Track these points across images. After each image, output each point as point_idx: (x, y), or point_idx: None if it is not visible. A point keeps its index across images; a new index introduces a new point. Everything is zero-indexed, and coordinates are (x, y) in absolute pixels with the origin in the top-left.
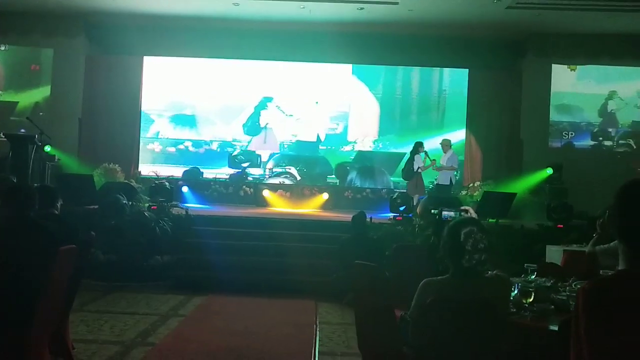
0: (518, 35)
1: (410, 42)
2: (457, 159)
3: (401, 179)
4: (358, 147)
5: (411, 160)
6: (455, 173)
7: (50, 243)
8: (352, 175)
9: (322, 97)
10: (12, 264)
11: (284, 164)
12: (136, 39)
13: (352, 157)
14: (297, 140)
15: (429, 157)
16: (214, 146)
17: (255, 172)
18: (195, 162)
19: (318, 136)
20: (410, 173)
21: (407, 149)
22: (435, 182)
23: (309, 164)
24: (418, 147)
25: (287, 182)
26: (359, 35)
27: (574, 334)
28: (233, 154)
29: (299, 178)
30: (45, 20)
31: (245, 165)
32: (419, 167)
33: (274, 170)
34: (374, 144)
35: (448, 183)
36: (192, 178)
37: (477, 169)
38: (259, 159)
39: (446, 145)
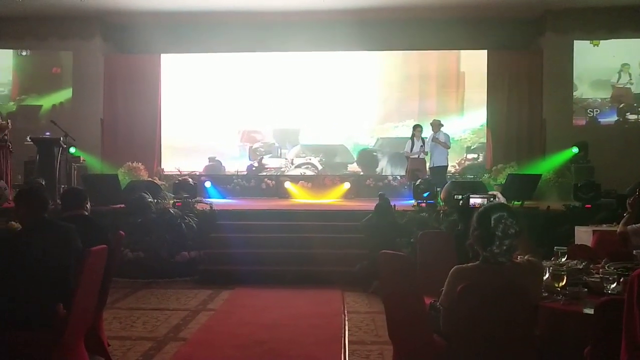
0: (535, 13)
1: (427, 25)
2: (449, 139)
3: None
4: (378, 134)
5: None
6: (481, 157)
7: (70, 241)
8: (383, 163)
9: (340, 85)
10: (48, 264)
11: (304, 155)
12: (153, 37)
13: (373, 145)
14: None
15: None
16: (235, 139)
17: (276, 163)
18: (217, 155)
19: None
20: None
21: (426, 133)
22: (430, 165)
23: (329, 154)
24: (413, 130)
25: (309, 172)
26: (375, 22)
27: (627, 320)
28: (253, 147)
29: (320, 168)
30: (62, 24)
31: (263, 157)
32: (407, 153)
33: (295, 160)
34: (394, 129)
35: (445, 164)
36: (214, 172)
37: (499, 152)
38: (279, 150)
39: (436, 124)
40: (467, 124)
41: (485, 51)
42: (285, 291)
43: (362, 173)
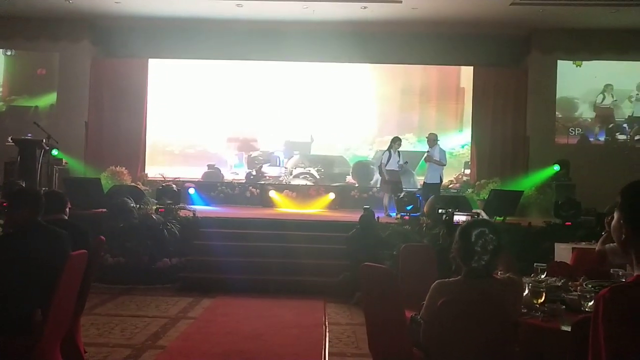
0: (522, 31)
1: (415, 40)
2: (445, 155)
3: (423, 178)
4: (377, 146)
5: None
6: (471, 173)
7: (63, 248)
8: (377, 176)
9: (338, 97)
10: (36, 268)
11: (303, 165)
12: (141, 42)
13: (372, 157)
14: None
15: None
16: (233, 148)
17: (275, 172)
18: (207, 162)
19: (311, 137)
20: (381, 169)
21: (426, 147)
22: (425, 181)
23: (327, 164)
24: (392, 143)
25: (308, 183)
26: (363, 35)
27: (592, 339)
28: (252, 155)
29: (318, 178)
30: (50, 25)
31: (261, 165)
32: (384, 165)
33: (294, 171)
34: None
35: (438, 181)
36: (213, 179)
37: (483, 167)
38: (277, 159)
39: (432, 139)
40: (467, 139)
41: (472, 67)
42: (267, 300)
43: (357, 185)
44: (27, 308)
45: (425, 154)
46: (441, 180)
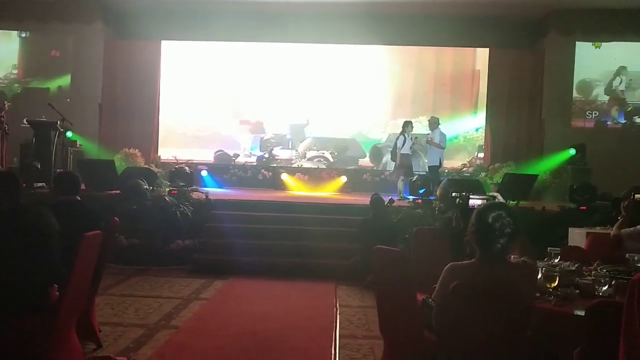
0: (540, 12)
1: (429, 21)
2: (445, 139)
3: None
4: (391, 129)
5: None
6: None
7: (51, 221)
8: (387, 158)
9: (351, 79)
10: (43, 247)
11: (315, 148)
12: (153, 24)
13: (385, 140)
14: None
15: (413, 140)
16: (245, 130)
17: (286, 154)
18: (227, 146)
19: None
20: (394, 154)
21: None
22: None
23: (339, 147)
24: (405, 127)
25: (321, 165)
26: (377, 16)
27: (626, 325)
28: (265, 138)
29: (332, 161)
30: (63, 7)
31: (273, 148)
32: (399, 149)
33: (308, 154)
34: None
35: (437, 164)
36: (224, 162)
37: (498, 150)
38: (290, 142)
39: (433, 122)
40: (481, 122)
41: (487, 49)
42: (279, 283)
43: (375, 168)
44: (31, 288)
45: (426, 137)
46: (440, 164)
